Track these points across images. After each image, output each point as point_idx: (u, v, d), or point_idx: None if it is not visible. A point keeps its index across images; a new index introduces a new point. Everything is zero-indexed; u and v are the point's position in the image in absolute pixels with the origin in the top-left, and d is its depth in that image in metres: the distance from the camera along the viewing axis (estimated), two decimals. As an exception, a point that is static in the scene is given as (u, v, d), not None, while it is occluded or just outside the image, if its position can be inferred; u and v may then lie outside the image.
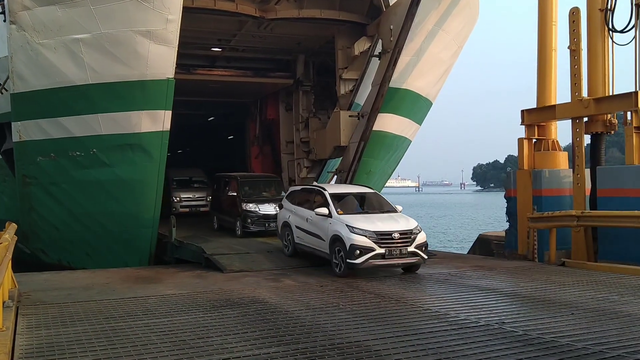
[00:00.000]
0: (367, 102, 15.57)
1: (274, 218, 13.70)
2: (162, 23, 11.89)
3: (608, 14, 12.01)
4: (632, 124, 11.37)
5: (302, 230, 11.38)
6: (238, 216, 14.52)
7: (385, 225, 10.24)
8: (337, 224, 10.30)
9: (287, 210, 12.21)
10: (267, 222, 14.16)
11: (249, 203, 14.43)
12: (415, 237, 10.21)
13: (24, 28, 12.30)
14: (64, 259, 14.69)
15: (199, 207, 19.55)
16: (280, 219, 12.43)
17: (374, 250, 9.84)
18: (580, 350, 5.62)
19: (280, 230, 12.37)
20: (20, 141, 13.66)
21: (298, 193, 12.40)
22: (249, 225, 14.23)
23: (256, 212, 14.31)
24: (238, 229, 14.51)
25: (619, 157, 31.24)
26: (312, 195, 11.71)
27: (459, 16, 15.46)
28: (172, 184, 19.86)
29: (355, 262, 9.83)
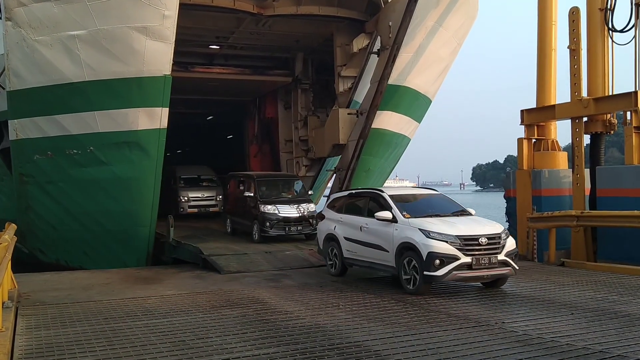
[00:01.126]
0: (366, 99, 15.53)
1: (295, 221, 13.25)
2: (159, 19, 11.81)
3: (608, 14, 12.00)
4: (632, 124, 11.36)
5: (354, 242, 9.68)
6: (255, 219, 13.56)
7: (468, 228, 8.53)
8: (406, 230, 8.62)
9: (331, 220, 10.48)
10: (288, 226, 13.34)
11: (268, 205, 13.43)
12: (505, 243, 8.51)
13: (19, 25, 12.22)
14: (61, 258, 14.64)
15: (208, 208, 18.68)
16: (322, 232, 10.70)
17: (459, 259, 8.10)
18: (580, 350, 5.59)
19: (322, 244, 10.63)
20: (16, 139, 13.58)
21: (344, 199, 10.62)
22: (268, 229, 13.23)
23: (275, 214, 13.31)
24: (255, 233, 13.52)
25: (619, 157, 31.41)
26: (365, 200, 10.04)
27: (458, 13, 15.40)
28: (179, 183, 19.00)
29: (436, 274, 8.11)
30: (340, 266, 10.15)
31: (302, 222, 13.61)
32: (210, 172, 20.41)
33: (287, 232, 13.36)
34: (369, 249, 9.34)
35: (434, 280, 8.37)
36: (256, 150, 22.34)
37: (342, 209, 10.44)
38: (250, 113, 22.97)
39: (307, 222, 13.63)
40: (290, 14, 15.44)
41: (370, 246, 9.32)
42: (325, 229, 10.63)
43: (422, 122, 18.33)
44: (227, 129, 27.03)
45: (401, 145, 18.00)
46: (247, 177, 14.93)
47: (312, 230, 13.41)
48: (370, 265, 9.52)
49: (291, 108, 20.11)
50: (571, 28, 12.41)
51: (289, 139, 20.29)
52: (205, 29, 16.51)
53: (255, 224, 13.57)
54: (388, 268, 9.07)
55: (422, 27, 14.88)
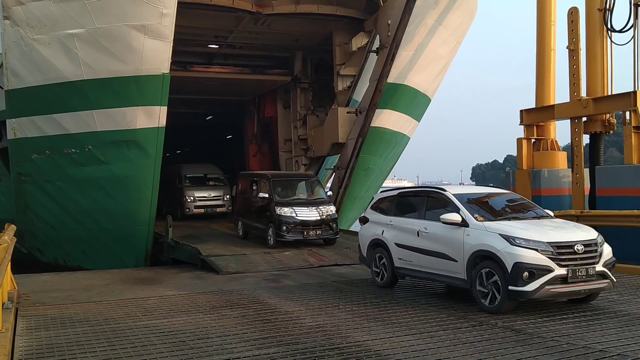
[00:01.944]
0: (365, 98, 15.55)
1: (314, 225, 12.41)
2: (157, 17, 11.78)
3: (607, 14, 12.02)
4: (631, 124, 11.39)
5: (409, 249, 8.32)
6: (270, 222, 12.58)
7: (560, 234, 7.18)
8: (482, 235, 7.25)
9: (377, 223, 9.08)
10: (306, 230, 12.41)
11: (284, 207, 12.51)
12: (602, 251, 7.23)
13: (17, 23, 12.19)
14: (60, 258, 14.61)
15: (215, 208, 17.98)
16: (365, 237, 9.33)
17: (552, 271, 6.79)
18: (580, 349, 5.57)
19: (366, 252, 9.29)
20: (15, 138, 13.55)
21: (393, 199, 9.19)
22: (284, 233, 12.30)
23: (292, 217, 12.36)
24: (270, 238, 12.57)
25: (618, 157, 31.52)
26: (421, 200, 8.55)
27: (457, 11, 15.42)
28: (185, 182, 18.31)
29: (524, 289, 6.74)
30: (390, 276, 8.74)
31: (322, 226, 12.64)
32: (217, 170, 19.81)
33: (305, 236, 12.43)
34: (430, 257, 7.96)
35: (521, 297, 6.91)
36: (255, 150, 22.34)
37: (390, 210, 9.04)
38: (249, 112, 22.97)
39: (326, 226, 12.71)
40: (289, 12, 15.46)
41: (431, 254, 7.93)
42: (369, 234, 9.23)
43: (421, 121, 18.35)
44: (226, 128, 27.02)
45: (400, 144, 18.01)
46: (260, 177, 13.94)
47: (332, 235, 12.80)
48: (431, 277, 8.17)
49: (290, 107, 20.14)
50: (570, 28, 12.42)
51: (288, 138, 20.31)
52: (204, 28, 16.50)
53: (270, 227, 12.63)
54: (456, 281, 7.65)
55: (422, 26, 14.89)
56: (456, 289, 8.37)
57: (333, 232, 12.82)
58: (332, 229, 12.79)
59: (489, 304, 7.13)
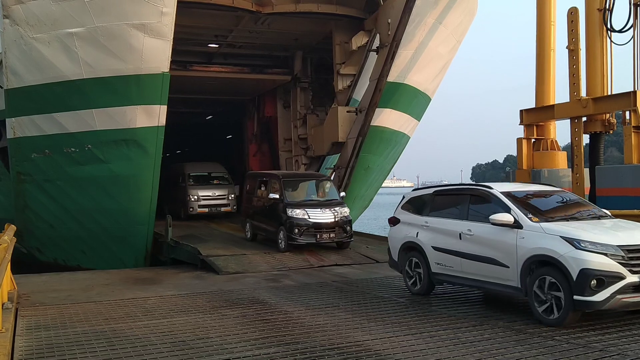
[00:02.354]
0: (365, 97, 15.52)
1: (327, 228, 11.84)
2: (157, 16, 11.76)
3: (606, 14, 12.03)
4: (631, 123, 11.40)
5: (450, 253, 7.56)
6: (281, 225, 12.04)
7: (630, 235, 6.44)
8: (539, 238, 6.51)
9: (410, 225, 8.34)
10: (319, 233, 11.84)
11: (296, 209, 11.90)
12: None
13: (17, 22, 12.17)
14: (59, 257, 14.60)
15: (219, 207, 17.52)
16: (396, 239, 8.60)
17: (624, 279, 6.05)
18: (580, 348, 5.57)
19: (398, 255, 8.55)
20: (14, 137, 13.54)
21: (428, 198, 8.37)
22: (296, 236, 11.74)
23: (305, 220, 11.82)
24: (281, 241, 12.05)
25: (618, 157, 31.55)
26: (463, 198, 7.74)
27: (457, 10, 15.40)
28: (189, 181, 17.88)
29: (593, 299, 6.06)
30: (426, 283, 8.05)
31: (335, 229, 12.07)
32: (222, 169, 19.42)
33: (318, 239, 11.89)
34: (475, 262, 7.22)
35: (588, 308, 6.19)
36: (255, 150, 22.31)
37: (425, 210, 8.24)
38: (249, 112, 22.94)
39: (340, 229, 12.14)
40: (289, 11, 15.43)
41: (477, 259, 7.18)
42: (401, 236, 8.47)
43: (421, 121, 18.34)
44: (226, 128, 26.99)
45: (400, 143, 17.99)
46: (271, 177, 13.31)
47: (346, 238, 12.31)
48: (476, 285, 7.45)
49: (290, 107, 20.11)
50: (570, 28, 12.43)
51: (288, 138, 20.29)
52: (203, 28, 16.47)
53: (281, 230, 12.05)
54: (507, 289, 6.94)
55: (422, 25, 14.87)
56: (506, 296, 7.71)
57: (347, 235, 12.32)
58: (346, 232, 12.31)
59: (548, 315, 6.39)
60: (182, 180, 18.32)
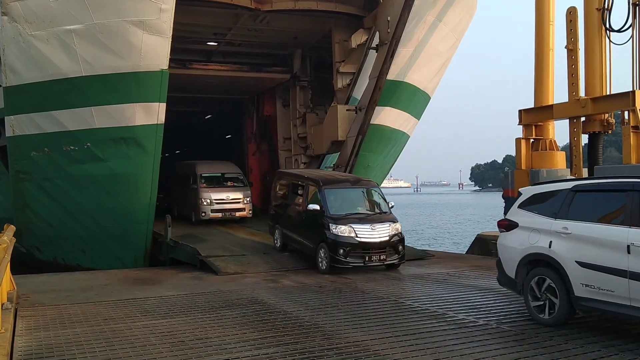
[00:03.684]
0: (365, 95, 15.50)
1: (377, 248, 10.09)
2: (156, 13, 11.73)
3: (605, 14, 12.01)
4: (630, 123, 11.40)
5: (612, 272, 5.72)
6: (322, 242, 10.30)
7: None
8: None
9: (537, 230, 6.53)
10: (368, 255, 10.09)
11: (341, 225, 10.12)
12: None
13: (15, 19, 12.13)
14: (59, 256, 14.57)
15: (234, 212, 16.01)
16: (514, 250, 6.77)
17: None
18: (578, 348, 5.58)
19: (516, 271, 6.72)
20: (13, 136, 13.50)
21: (568, 195, 6.42)
22: (342, 257, 10.03)
23: (352, 238, 10.07)
24: (322, 261, 10.35)
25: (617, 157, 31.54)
26: (626, 196, 5.84)
27: (457, 7, 15.39)
28: (200, 182, 16.41)
29: None
30: (566, 310, 6.22)
31: (386, 249, 10.29)
32: (236, 169, 18.01)
33: (366, 262, 10.16)
34: None
35: None
36: (255, 149, 22.28)
37: (561, 211, 6.38)
38: (248, 111, 22.90)
39: (392, 249, 10.37)
40: (288, 9, 15.41)
41: None
42: (520, 246, 6.68)
43: (420, 121, 18.33)
44: (225, 127, 26.94)
45: (400, 142, 17.99)
46: (309, 182, 11.35)
47: (397, 260, 10.55)
48: None
49: (289, 105, 20.08)
50: (569, 28, 12.41)
51: (287, 137, 20.26)
52: (202, 26, 16.44)
53: (322, 248, 10.35)
54: None
55: (422, 23, 14.85)
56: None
57: (399, 256, 10.51)
58: (398, 253, 10.49)
59: None
60: (193, 181, 17.01)
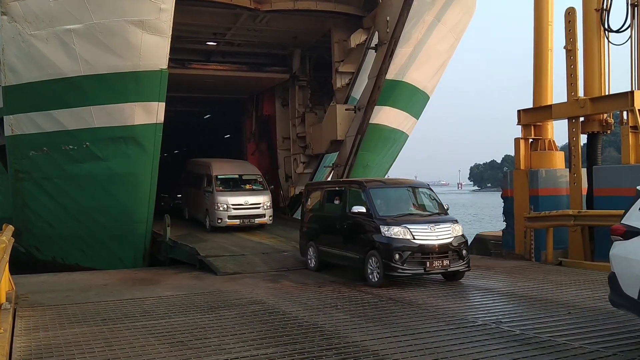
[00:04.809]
0: (364, 95, 15.53)
1: (438, 253, 8.94)
2: (155, 12, 11.73)
3: (604, 14, 12.00)
4: (628, 124, 11.40)
5: None
6: (372, 249, 9.16)
7: None
8: None
9: None
10: (428, 260, 8.90)
11: (394, 226, 8.97)
12: None
13: (15, 19, 12.13)
14: (58, 256, 14.56)
15: (253, 219, 14.63)
16: (638, 266, 5.26)
17: None
18: (577, 349, 5.57)
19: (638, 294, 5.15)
20: (12, 135, 13.49)
21: None
22: (397, 264, 8.79)
23: (408, 241, 8.88)
24: (372, 272, 9.13)
25: (616, 157, 31.59)
26: None
27: (456, 7, 15.41)
28: (216, 185, 14.96)
29: None
30: None
31: (448, 254, 9.12)
32: (255, 170, 16.57)
33: (427, 269, 8.97)
34: None
35: None
36: (254, 149, 22.29)
37: None
38: (247, 111, 22.92)
39: (455, 254, 9.20)
40: (287, 9, 15.42)
41: None
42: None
43: (419, 120, 18.34)
44: (224, 127, 26.93)
45: (399, 142, 18.01)
46: (350, 185, 10.37)
47: (464, 267, 9.37)
48: None
49: (289, 105, 20.11)
50: (567, 28, 12.40)
51: (286, 136, 20.29)
52: (202, 25, 16.45)
53: (372, 257, 9.13)
54: None
55: (421, 22, 14.87)
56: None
57: (464, 262, 9.31)
58: (462, 258, 9.28)
59: None
60: (207, 183, 15.54)
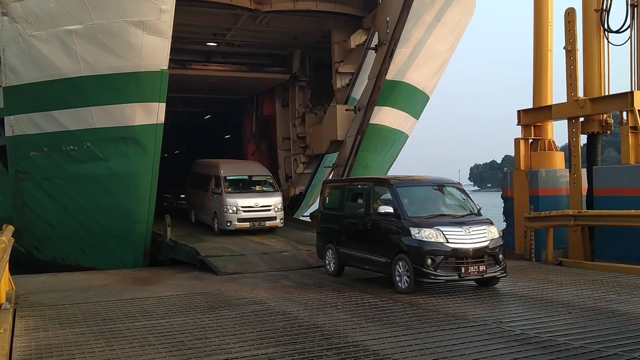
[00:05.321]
0: (364, 95, 15.55)
1: (474, 257, 8.27)
2: (156, 13, 11.74)
3: (603, 15, 12.02)
4: (628, 124, 11.41)
5: None
6: (400, 253, 8.46)
7: None
8: None
9: None
10: (463, 266, 8.24)
11: (425, 228, 8.31)
12: None
13: (16, 20, 12.15)
14: (58, 256, 14.56)
15: (263, 222, 14.11)
16: None
17: None
18: (577, 349, 5.58)
19: None
20: (12, 136, 13.49)
21: None
22: (430, 269, 8.16)
23: (441, 244, 8.26)
24: (402, 278, 8.48)
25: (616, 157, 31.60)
26: None
27: (456, 8, 15.43)
28: (224, 186, 14.41)
29: None
30: None
31: (484, 259, 8.42)
32: (265, 171, 15.95)
33: (462, 275, 8.28)
34: None
35: None
36: (254, 149, 22.31)
37: None
38: (247, 111, 22.95)
39: (491, 258, 8.52)
40: (287, 10, 15.45)
41: None
42: None
43: (419, 120, 18.36)
44: (224, 127, 26.96)
45: (399, 142, 18.03)
46: (373, 183, 9.74)
47: (500, 273, 8.67)
48: None
49: (289, 105, 20.14)
50: (567, 29, 12.42)
51: (286, 137, 20.31)
52: (202, 26, 16.48)
53: (400, 261, 8.47)
54: None
55: (420, 23, 14.89)
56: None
57: (500, 268, 8.61)
58: (499, 263, 8.59)
59: None
60: (215, 184, 15.00)
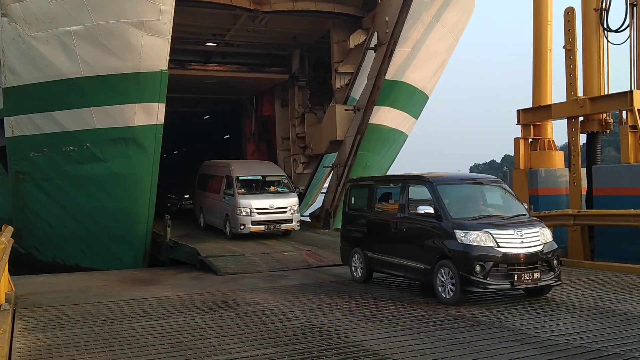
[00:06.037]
0: (363, 95, 15.57)
1: (527, 262, 7.41)
2: (155, 14, 11.75)
3: (603, 14, 12.04)
4: (628, 123, 11.42)
5: None
6: (443, 258, 7.61)
7: None
8: None
9: None
10: (516, 273, 7.36)
11: (472, 230, 7.40)
12: None
13: (15, 20, 12.15)
14: (58, 257, 14.57)
15: (279, 224, 13.51)
16: None
17: None
18: (577, 348, 5.57)
19: None
20: (12, 136, 13.50)
21: None
22: (479, 277, 7.27)
23: (491, 249, 7.33)
24: (445, 287, 7.60)
25: (615, 156, 31.61)
26: None
27: (455, 8, 15.45)
28: (237, 187, 13.77)
29: None
30: None
31: (538, 265, 7.56)
32: (279, 171, 15.38)
33: (515, 283, 7.41)
34: None
35: None
36: (253, 149, 22.32)
37: None
38: (247, 111, 22.96)
39: (545, 265, 7.66)
40: (287, 10, 15.46)
41: None
42: None
43: (419, 120, 18.37)
44: (224, 127, 26.97)
45: (398, 142, 18.04)
46: (407, 181, 8.62)
47: (554, 280, 7.79)
48: None
49: (288, 105, 20.15)
50: (566, 28, 12.44)
51: (286, 137, 20.32)
52: (201, 26, 16.48)
53: (443, 267, 7.61)
54: None
55: (420, 23, 14.91)
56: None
57: (555, 275, 7.76)
58: (554, 269, 7.74)
59: None
60: (227, 185, 14.32)
